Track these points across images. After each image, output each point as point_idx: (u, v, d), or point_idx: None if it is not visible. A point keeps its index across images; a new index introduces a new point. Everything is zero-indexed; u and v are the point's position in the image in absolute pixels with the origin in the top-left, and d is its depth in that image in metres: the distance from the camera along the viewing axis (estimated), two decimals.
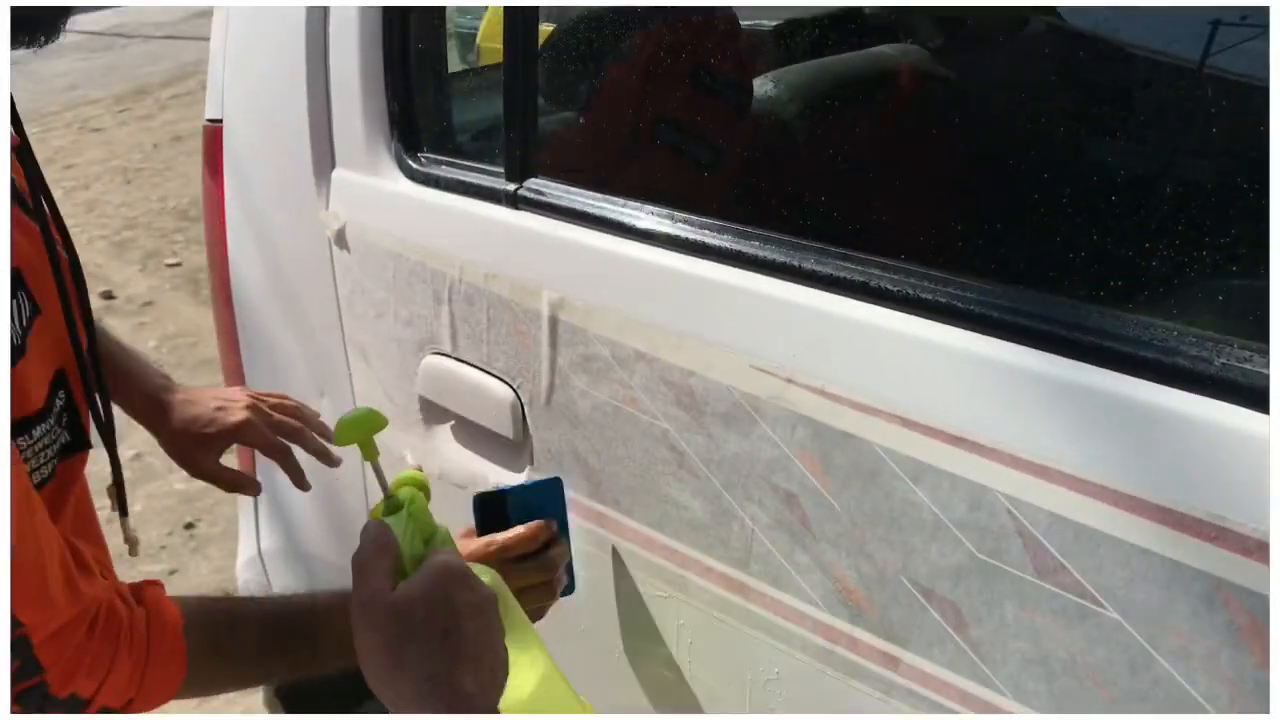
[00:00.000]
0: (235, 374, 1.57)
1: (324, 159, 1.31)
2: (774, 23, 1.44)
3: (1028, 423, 0.76)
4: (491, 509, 1.00)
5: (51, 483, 0.87)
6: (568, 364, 1.06)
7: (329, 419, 1.25)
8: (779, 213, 0.96)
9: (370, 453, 0.74)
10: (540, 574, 1.00)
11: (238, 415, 1.12)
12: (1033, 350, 0.76)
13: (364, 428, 0.73)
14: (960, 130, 1.00)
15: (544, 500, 1.02)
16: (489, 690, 0.67)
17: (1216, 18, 0.84)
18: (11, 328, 0.83)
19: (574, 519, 1.09)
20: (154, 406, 1.13)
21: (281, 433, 1.14)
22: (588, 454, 1.08)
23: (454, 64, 1.46)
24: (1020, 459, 0.75)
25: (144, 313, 4.80)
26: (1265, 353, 0.67)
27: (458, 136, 1.32)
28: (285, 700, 1.83)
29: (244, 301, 1.49)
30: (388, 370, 1.30)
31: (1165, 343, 0.71)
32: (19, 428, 0.83)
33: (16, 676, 0.78)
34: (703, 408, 0.95)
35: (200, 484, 1.29)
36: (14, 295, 0.85)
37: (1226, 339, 0.70)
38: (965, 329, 0.80)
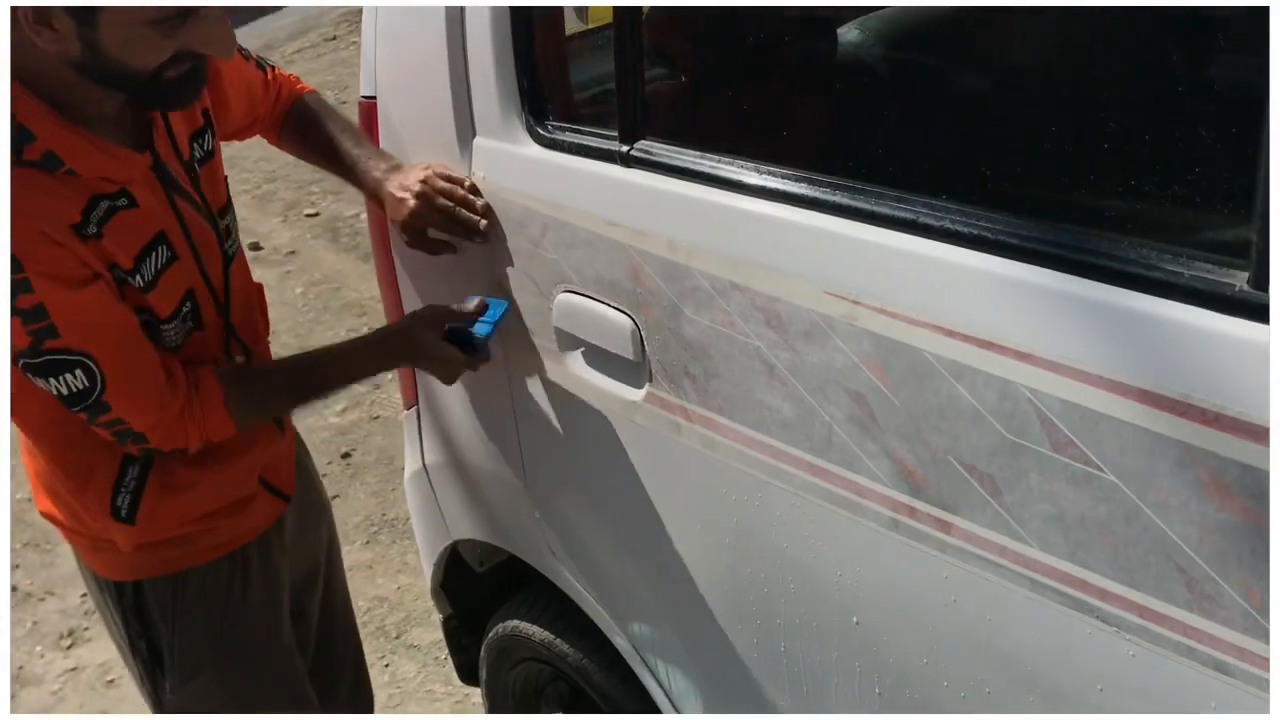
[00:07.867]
0: (396, 310, 1.84)
1: (466, 130, 1.54)
2: None
3: (1045, 329, 0.95)
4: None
5: (186, 346, 1.45)
6: (677, 295, 1.28)
7: None
8: (845, 160, 1.15)
9: None
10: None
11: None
12: (1053, 271, 0.95)
13: None
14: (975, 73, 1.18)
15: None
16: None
17: None
18: (148, 271, 1.36)
19: (687, 425, 1.31)
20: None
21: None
22: (696, 371, 1.30)
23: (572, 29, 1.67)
24: (1038, 357, 0.95)
25: (289, 261, 5.14)
26: (1225, 265, 0.85)
27: (576, 106, 1.54)
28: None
29: (401, 251, 1.75)
30: (526, 306, 1.54)
31: (1149, 260, 0.89)
32: (160, 322, 1.40)
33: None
34: (787, 327, 1.16)
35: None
36: (154, 249, 1.37)
37: (1193, 253, 0.87)
38: (992, 254, 0.99)
